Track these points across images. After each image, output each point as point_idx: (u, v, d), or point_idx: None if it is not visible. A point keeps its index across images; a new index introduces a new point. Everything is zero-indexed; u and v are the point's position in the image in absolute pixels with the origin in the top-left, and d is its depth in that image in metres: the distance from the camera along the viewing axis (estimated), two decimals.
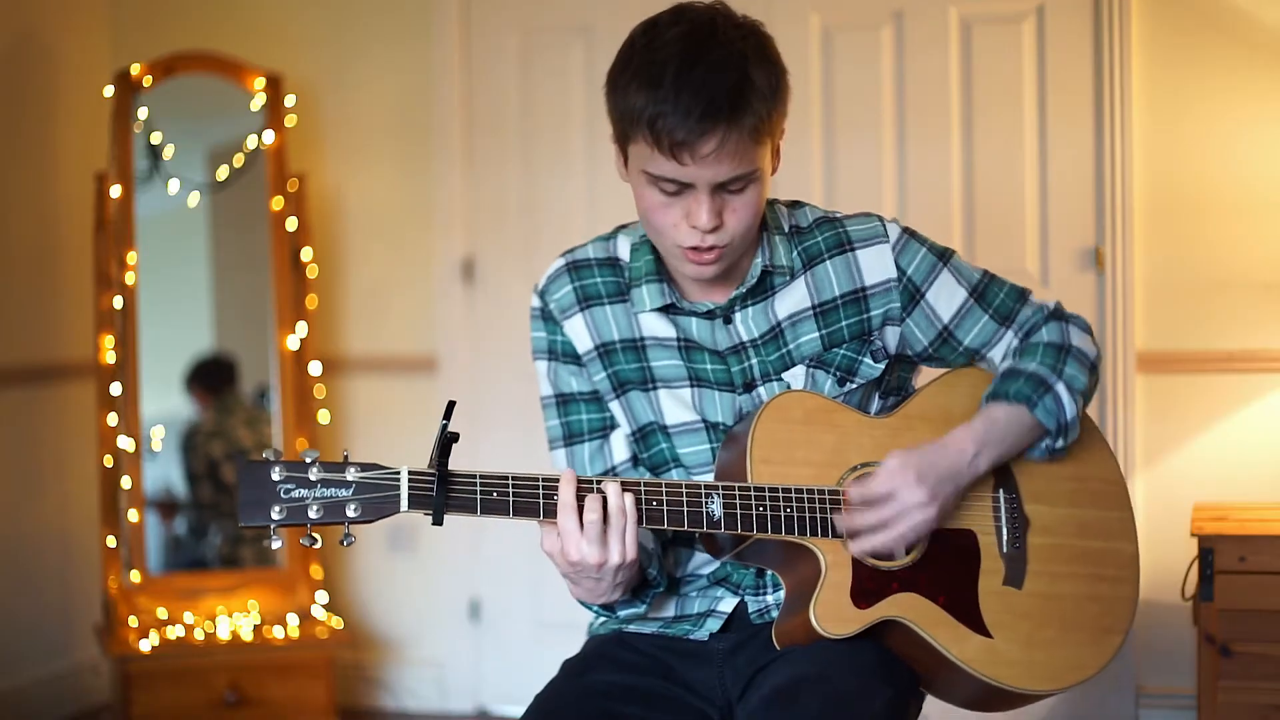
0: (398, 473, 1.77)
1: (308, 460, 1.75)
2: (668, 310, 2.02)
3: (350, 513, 1.75)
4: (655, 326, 2.02)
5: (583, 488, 1.83)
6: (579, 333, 2.04)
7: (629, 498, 1.83)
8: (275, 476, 1.74)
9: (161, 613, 3.95)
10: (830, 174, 3.90)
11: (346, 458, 1.78)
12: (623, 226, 2.09)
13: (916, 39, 3.84)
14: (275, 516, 1.73)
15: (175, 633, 3.89)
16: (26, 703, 4.09)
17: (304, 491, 1.74)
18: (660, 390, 2.02)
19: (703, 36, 1.87)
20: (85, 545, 4.26)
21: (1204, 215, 3.64)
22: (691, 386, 2.01)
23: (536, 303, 2.07)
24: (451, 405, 1.76)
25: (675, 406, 2.02)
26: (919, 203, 3.84)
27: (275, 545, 1.76)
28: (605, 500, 1.82)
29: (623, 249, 2.05)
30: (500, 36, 4.17)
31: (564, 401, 2.07)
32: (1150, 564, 2.10)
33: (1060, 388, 1.99)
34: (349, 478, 1.75)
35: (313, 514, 1.74)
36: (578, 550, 1.82)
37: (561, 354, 2.06)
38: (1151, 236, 3.68)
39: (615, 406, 2.05)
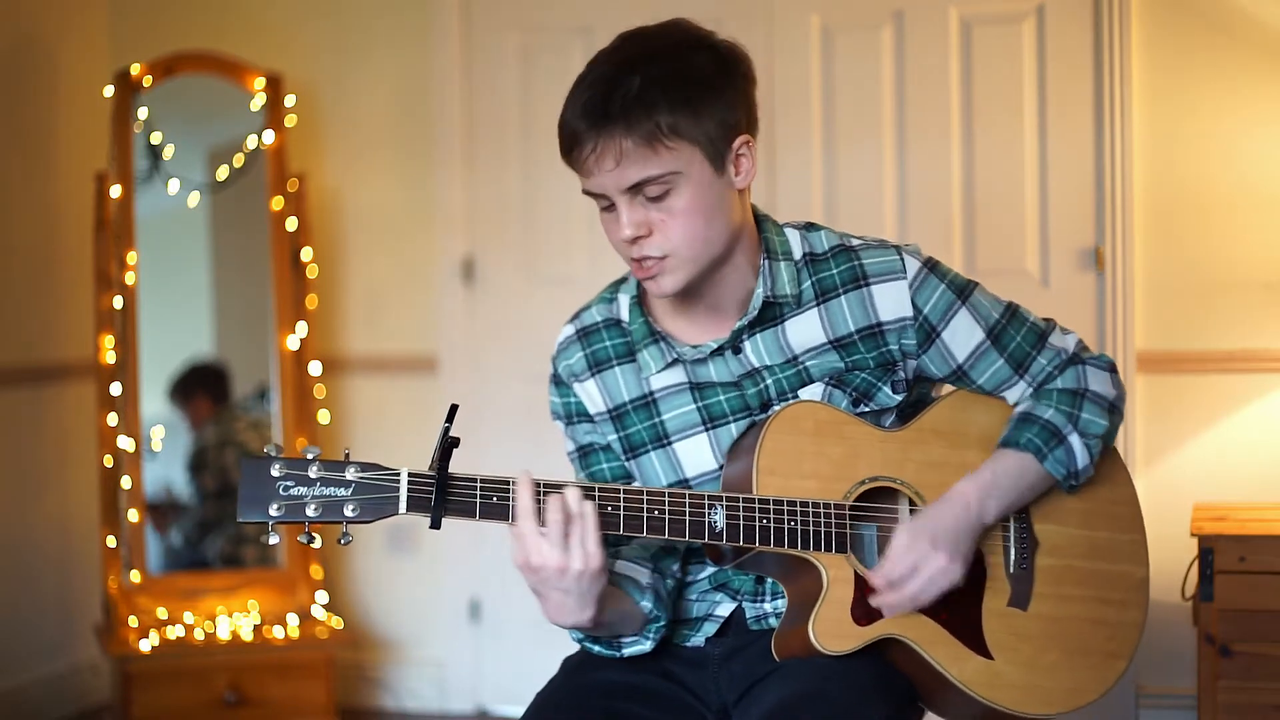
0: (398, 474, 1.75)
1: (309, 457, 1.74)
2: (674, 363, 1.99)
3: (348, 512, 1.73)
4: (664, 377, 1.99)
5: (548, 491, 1.79)
6: (592, 396, 2.02)
7: (589, 504, 1.79)
8: (275, 473, 1.73)
9: (161, 613, 3.95)
10: (830, 174, 3.90)
11: (347, 456, 1.76)
12: (622, 281, 2.06)
13: (916, 39, 3.84)
14: (273, 513, 1.72)
15: (175, 633, 3.89)
16: (26, 703, 4.09)
17: (303, 489, 1.73)
18: (676, 444, 1.99)
19: (624, 44, 1.88)
20: (85, 545, 4.26)
21: (1204, 215, 3.64)
22: (706, 430, 1.97)
23: (551, 369, 2.07)
24: (454, 409, 1.75)
25: (694, 456, 1.99)
26: (919, 202, 3.84)
27: (273, 540, 1.74)
28: (566, 504, 1.79)
29: (624, 310, 2.03)
30: (500, 37, 4.17)
31: (585, 453, 2.06)
32: (1150, 564, 2.09)
33: (1074, 438, 1.96)
34: (348, 477, 1.74)
35: (310, 512, 1.73)
36: (539, 553, 1.78)
37: (576, 415, 2.05)
38: (1151, 236, 3.67)
39: (629, 466, 2.04)
